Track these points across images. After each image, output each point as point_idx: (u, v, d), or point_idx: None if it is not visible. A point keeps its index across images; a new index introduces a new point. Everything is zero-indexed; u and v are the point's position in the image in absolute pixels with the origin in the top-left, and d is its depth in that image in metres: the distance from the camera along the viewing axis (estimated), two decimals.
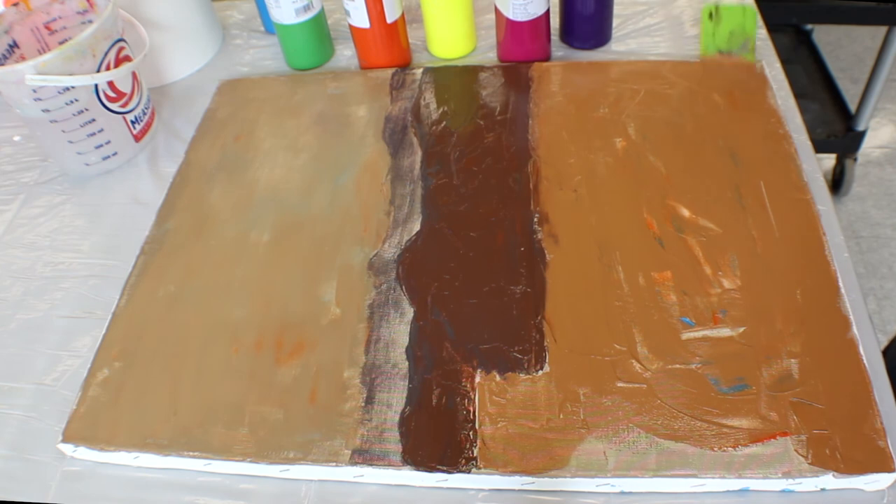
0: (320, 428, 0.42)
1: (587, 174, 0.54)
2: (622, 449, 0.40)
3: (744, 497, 0.39)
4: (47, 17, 0.64)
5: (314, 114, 0.64)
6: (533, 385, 0.43)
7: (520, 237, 0.51)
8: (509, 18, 0.63)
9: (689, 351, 0.43)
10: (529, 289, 0.47)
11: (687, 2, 0.72)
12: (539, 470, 0.39)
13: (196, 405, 0.45)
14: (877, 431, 0.39)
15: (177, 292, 0.51)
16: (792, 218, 0.49)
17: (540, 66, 0.64)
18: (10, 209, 0.62)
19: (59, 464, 0.45)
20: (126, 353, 0.48)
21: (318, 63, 0.71)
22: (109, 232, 0.59)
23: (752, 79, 0.59)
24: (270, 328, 0.48)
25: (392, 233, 0.52)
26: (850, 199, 1.50)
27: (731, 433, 0.39)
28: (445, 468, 0.40)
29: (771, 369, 0.42)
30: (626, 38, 0.69)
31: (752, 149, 0.54)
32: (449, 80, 0.65)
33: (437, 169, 0.57)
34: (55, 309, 0.54)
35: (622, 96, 0.60)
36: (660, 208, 0.51)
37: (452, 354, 0.45)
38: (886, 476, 0.38)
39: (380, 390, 0.44)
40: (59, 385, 0.49)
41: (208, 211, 0.57)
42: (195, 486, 0.43)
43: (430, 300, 0.48)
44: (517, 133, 0.58)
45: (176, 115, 0.69)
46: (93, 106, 0.60)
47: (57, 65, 0.55)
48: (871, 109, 1.36)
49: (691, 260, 0.48)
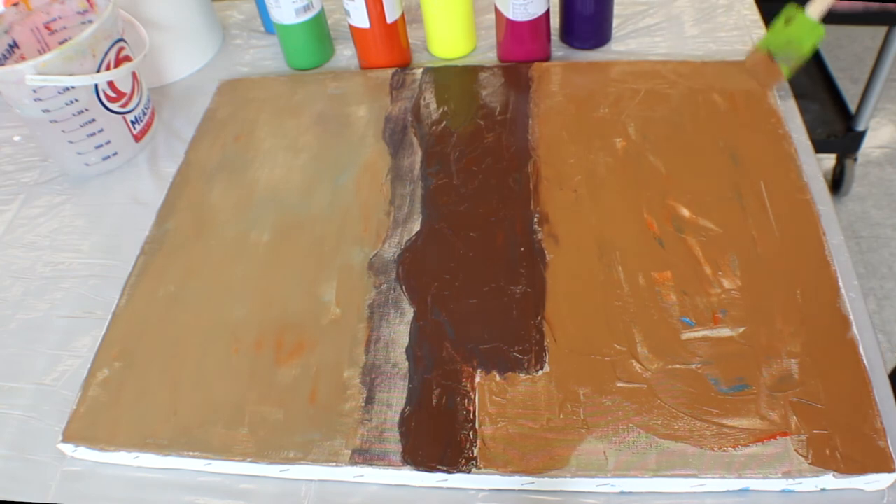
0: (320, 428, 0.42)
1: (587, 174, 0.54)
2: (622, 449, 0.40)
3: (744, 497, 0.39)
4: (47, 17, 0.64)
5: (314, 114, 0.64)
6: (533, 385, 0.43)
7: (520, 237, 0.51)
8: (509, 18, 0.63)
9: (689, 351, 0.43)
10: (529, 289, 0.47)
11: (687, 2, 0.72)
12: (539, 470, 0.39)
13: (196, 405, 0.45)
14: (877, 431, 0.39)
15: (177, 292, 0.51)
16: (792, 218, 0.49)
17: (540, 66, 0.64)
18: (10, 209, 0.62)
19: (59, 464, 0.45)
20: (126, 353, 0.48)
21: (318, 63, 0.71)
22: (109, 232, 0.59)
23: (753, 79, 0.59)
24: (270, 328, 0.48)
25: (392, 233, 0.52)
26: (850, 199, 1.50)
27: (731, 433, 0.39)
28: (445, 468, 0.40)
29: (771, 369, 0.42)
30: (626, 38, 0.69)
31: (752, 149, 0.54)
32: (449, 80, 0.65)
33: (437, 169, 0.57)
34: (55, 309, 0.54)
35: (622, 96, 0.60)
36: (660, 208, 0.51)
37: (452, 354, 0.45)
38: (886, 476, 0.38)
39: (380, 390, 0.44)
40: (59, 385, 0.49)
41: (208, 211, 0.57)
42: (195, 486, 0.43)
43: (430, 300, 0.48)
44: (517, 133, 0.58)
45: (176, 115, 0.69)
46: (93, 106, 0.60)
47: (57, 65, 0.55)
48: (871, 109, 1.36)
49: (691, 260, 0.48)
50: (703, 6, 0.71)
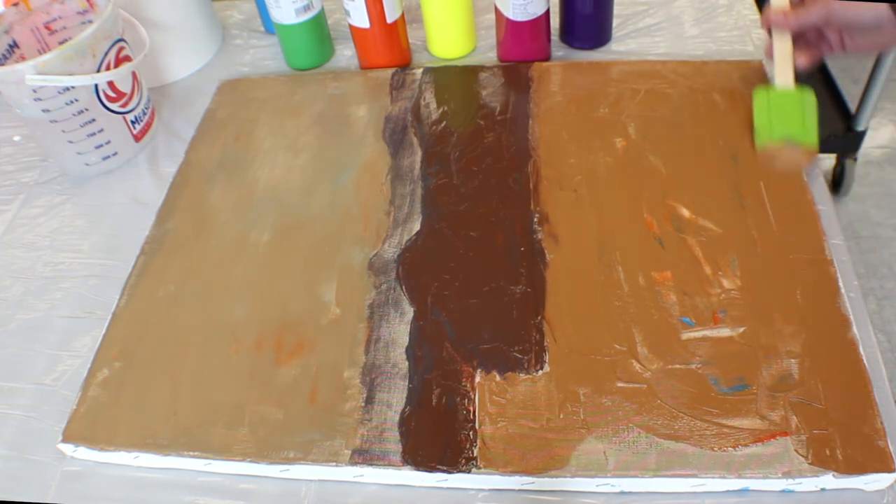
0: (320, 428, 0.42)
1: (587, 174, 0.54)
2: (622, 449, 0.40)
3: (744, 497, 0.39)
4: (47, 17, 0.64)
5: (314, 114, 0.64)
6: (533, 385, 0.43)
7: (520, 237, 0.51)
8: (509, 18, 0.63)
9: (689, 351, 0.43)
10: (529, 289, 0.47)
11: (687, 2, 0.72)
12: (539, 470, 0.39)
13: (196, 405, 0.45)
14: (877, 431, 0.39)
15: (177, 292, 0.51)
16: (792, 218, 0.49)
17: (540, 66, 0.64)
18: (10, 209, 0.62)
19: (59, 464, 0.45)
20: (126, 353, 0.48)
21: (318, 63, 0.71)
22: (109, 232, 0.59)
23: (753, 79, 0.59)
24: (270, 328, 0.48)
25: (392, 233, 0.52)
26: (850, 199, 1.50)
27: (731, 433, 0.39)
28: (445, 468, 0.40)
29: (771, 369, 0.42)
30: (626, 38, 0.69)
31: (752, 149, 0.54)
32: (449, 80, 0.65)
33: (437, 169, 0.57)
34: (55, 309, 0.53)
35: (622, 96, 0.60)
36: (660, 208, 0.51)
37: (452, 354, 0.45)
38: (886, 476, 0.38)
39: (380, 390, 0.44)
40: (59, 385, 0.49)
41: (208, 211, 0.57)
42: (195, 486, 0.43)
43: (430, 300, 0.48)
44: (517, 133, 0.58)
45: (176, 115, 0.69)
46: (93, 106, 0.60)
47: (57, 65, 0.55)
48: (871, 109, 1.36)
49: (691, 260, 0.48)
50: (703, 6, 0.71)
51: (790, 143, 0.52)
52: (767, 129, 0.53)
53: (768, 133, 0.53)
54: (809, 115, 0.53)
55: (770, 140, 0.53)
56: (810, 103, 0.53)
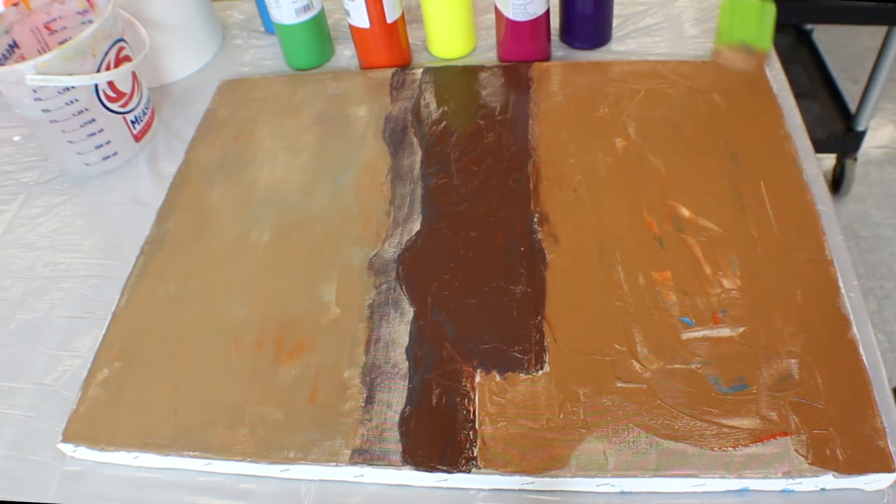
0: (320, 428, 0.42)
1: (587, 174, 0.54)
2: (622, 449, 0.40)
3: (744, 497, 0.39)
4: (47, 17, 0.64)
5: (314, 114, 0.64)
6: (533, 385, 0.43)
7: (520, 237, 0.51)
8: (509, 18, 0.63)
9: (689, 351, 0.43)
10: (529, 289, 0.47)
11: (687, 2, 0.72)
12: (539, 470, 0.39)
13: (196, 405, 0.45)
14: (877, 431, 0.39)
15: (177, 292, 0.51)
16: (792, 218, 0.49)
17: (540, 66, 0.64)
18: (10, 209, 0.62)
19: (59, 464, 0.45)
20: (126, 353, 0.48)
21: (318, 63, 0.71)
22: (109, 232, 0.59)
23: (752, 78, 0.59)
24: (270, 328, 0.48)
25: (392, 233, 0.52)
26: (850, 199, 1.50)
27: (731, 433, 0.39)
28: (445, 468, 0.40)
29: (771, 369, 0.42)
30: (626, 38, 0.69)
31: (752, 149, 0.54)
32: (449, 80, 0.65)
33: (437, 169, 0.57)
34: (55, 309, 0.54)
35: (622, 96, 0.60)
36: (660, 208, 0.51)
37: (452, 354, 0.45)
38: (886, 476, 0.38)
39: (380, 390, 0.44)
40: (59, 385, 0.49)
41: (208, 211, 0.57)
42: (195, 486, 0.43)
43: (430, 300, 0.48)
44: (517, 133, 0.58)
45: (176, 115, 0.69)
46: (93, 106, 0.60)
47: (57, 65, 0.55)
48: (871, 109, 1.36)
49: (691, 260, 0.48)
50: (703, 6, 0.71)
51: (745, 47, 0.59)
52: (728, 32, 0.61)
53: (728, 36, 0.60)
54: (767, 24, 0.59)
55: (728, 42, 0.60)
56: (769, 12, 0.59)
